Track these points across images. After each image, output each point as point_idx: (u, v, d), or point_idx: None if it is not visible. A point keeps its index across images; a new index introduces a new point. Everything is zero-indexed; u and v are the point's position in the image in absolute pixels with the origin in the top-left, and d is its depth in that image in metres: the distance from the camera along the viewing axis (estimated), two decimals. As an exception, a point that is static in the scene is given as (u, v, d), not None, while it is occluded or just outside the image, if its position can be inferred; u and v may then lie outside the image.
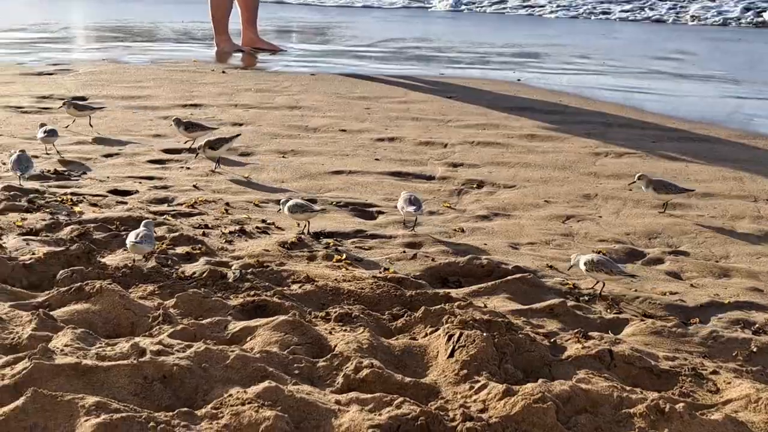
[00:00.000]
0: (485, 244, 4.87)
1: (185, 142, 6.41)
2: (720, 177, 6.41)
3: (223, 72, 9.79)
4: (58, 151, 6.27)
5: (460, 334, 3.41)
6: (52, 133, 6.14)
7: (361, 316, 3.76)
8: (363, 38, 13.61)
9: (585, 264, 4.24)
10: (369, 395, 3.02)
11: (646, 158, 6.93)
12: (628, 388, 3.22)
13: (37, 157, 6.07)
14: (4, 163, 5.79)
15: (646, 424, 2.94)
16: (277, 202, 5.47)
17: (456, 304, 3.90)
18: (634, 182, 5.74)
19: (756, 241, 5.19)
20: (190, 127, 6.33)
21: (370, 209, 5.48)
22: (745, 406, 3.14)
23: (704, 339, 3.82)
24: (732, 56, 12.95)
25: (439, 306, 3.84)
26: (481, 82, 9.98)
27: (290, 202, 4.93)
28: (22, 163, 5.31)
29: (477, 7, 17.33)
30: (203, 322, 3.57)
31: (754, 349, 3.71)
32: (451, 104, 8.79)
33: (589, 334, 3.70)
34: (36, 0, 15.37)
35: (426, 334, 3.63)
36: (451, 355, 3.35)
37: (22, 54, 10.99)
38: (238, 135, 6.31)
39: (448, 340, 3.44)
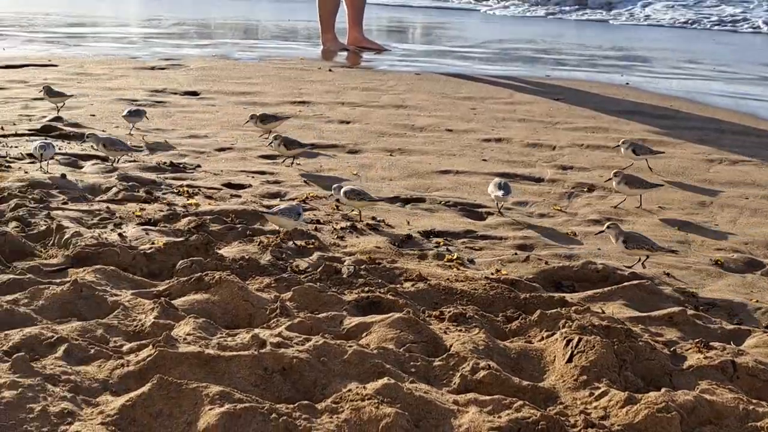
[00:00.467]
0: (599, 249, 4.79)
1: (261, 135, 6.52)
2: None
3: (330, 70, 9.88)
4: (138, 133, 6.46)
5: (579, 339, 3.35)
6: (136, 114, 6.40)
7: (476, 316, 3.73)
8: (466, 39, 13.57)
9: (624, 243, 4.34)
10: (487, 397, 2.99)
11: (761, 166, 6.72)
12: (753, 400, 3.12)
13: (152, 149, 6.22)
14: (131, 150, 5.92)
15: (775, 439, 2.84)
16: (386, 199, 5.50)
17: (572, 308, 3.83)
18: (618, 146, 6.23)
19: None
20: (265, 119, 6.46)
21: (479, 210, 5.44)
22: None
23: (832, 354, 3.66)
24: None
25: (555, 310, 3.78)
26: (588, 85, 9.84)
27: (346, 187, 4.99)
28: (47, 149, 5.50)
29: (562, 14, 17.02)
30: (319, 315, 3.59)
31: None
32: (558, 106, 8.68)
33: (711, 344, 3.59)
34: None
35: (542, 338, 3.58)
36: (570, 360, 3.30)
37: (135, 49, 11.29)
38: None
39: (566, 344, 3.38)
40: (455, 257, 4.53)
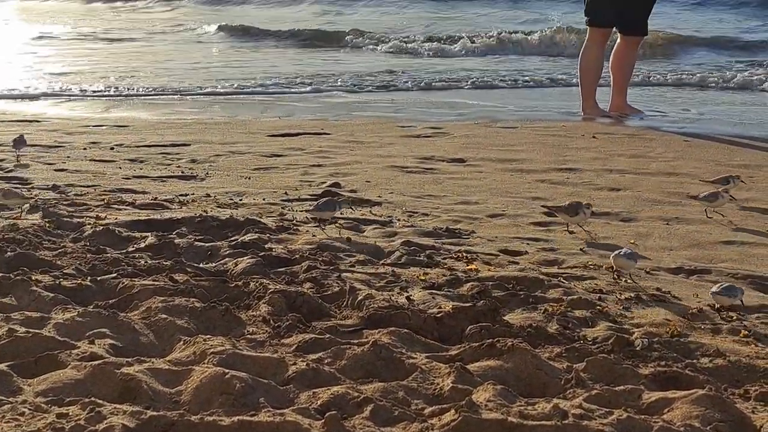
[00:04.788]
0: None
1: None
2: None
3: (594, 137, 9.80)
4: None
5: None
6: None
7: (782, 396, 3.54)
8: (733, 102, 13.04)
9: None
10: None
11: None
12: None
13: (427, 215, 6.40)
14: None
15: None
16: (668, 269, 5.35)
17: None
18: None
19: None
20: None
21: (770, 284, 5.16)
22: None
23: None
24: None
25: None
26: None
27: (625, 250, 5.10)
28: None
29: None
30: (616, 389, 3.52)
31: None
32: None
33: None
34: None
35: None
36: None
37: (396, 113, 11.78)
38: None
39: None
40: (751, 332, 4.31)
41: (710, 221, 6.49)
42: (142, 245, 5.34)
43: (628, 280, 5.08)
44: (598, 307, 4.54)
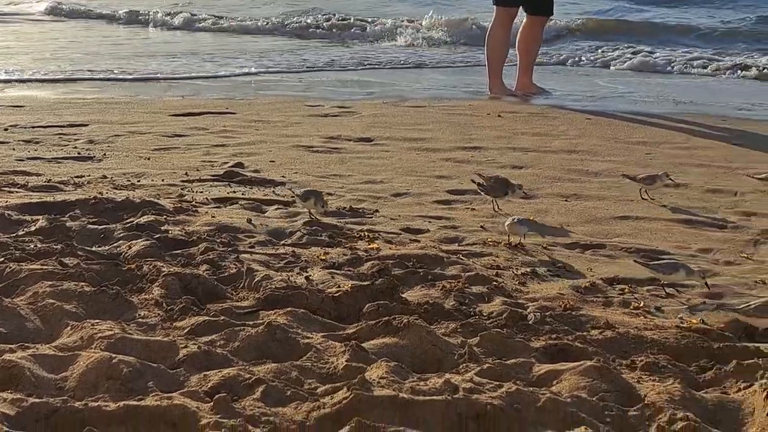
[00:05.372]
0: (711, 285, 4.59)
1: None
2: None
3: (499, 116, 9.90)
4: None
5: (782, 392, 3.20)
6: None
7: (668, 366, 3.64)
8: (632, 83, 13.30)
9: None
10: (691, 451, 2.89)
11: None
12: None
13: (331, 194, 6.38)
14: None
15: None
16: (565, 245, 5.45)
17: (770, 359, 3.67)
18: None
19: None
20: None
21: (662, 257, 5.29)
22: None
23: None
24: None
25: (751, 360, 3.65)
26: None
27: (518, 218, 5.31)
28: None
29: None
30: (508, 362, 3.57)
31: None
32: (738, 151, 8.38)
33: None
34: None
35: (739, 389, 3.45)
36: (773, 413, 3.15)
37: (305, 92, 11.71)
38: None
39: (767, 396, 3.24)
40: (642, 305, 4.43)
41: (607, 197, 6.62)
42: (33, 228, 5.18)
43: (526, 255, 5.16)
44: (495, 283, 4.59)
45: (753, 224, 6.03)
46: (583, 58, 15.35)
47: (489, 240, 5.44)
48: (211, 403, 3.09)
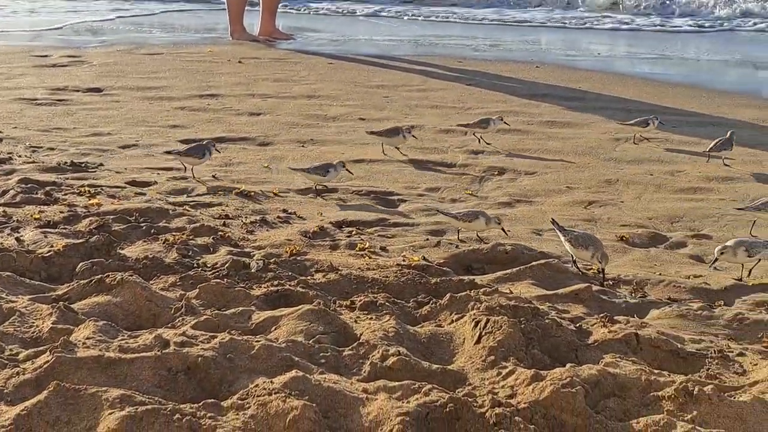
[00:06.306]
0: (508, 231, 4.81)
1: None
2: (739, 161, 6.33)
3: (240, 62, 9.74)
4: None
5: (487, 320, 3.36)
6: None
7: (386, 304, 3.72)
8: (380, 28, 13.52)
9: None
10: (396, 383, 2.97)
11: (665, 143, 6.84)
12: (655, 371, 3.17)
13: (53, 149, 6.04)
14: (19, 156, 5.75)
15: (675, 406, 2.88)
16: (298, 191, 5.46)
17: (481, 290, 3.84)
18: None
19: (781, 222, 5.11)
20: None
21: (392, 197, 5.42)
22: (774, 387, 3.09)
23: (729, 321, 3.77)
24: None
25: (464, 293, 3.79)
26: (501, 69, 9.88)
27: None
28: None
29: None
30: (227, 312, 3.53)
31: (781, 331, 3.66)
32: (471, 91, 8.72)
33: (615, 318, 3.64)
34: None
35: (452, 321, 3.59)
36: (478, 341, 3.30)
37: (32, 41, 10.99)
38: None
39: (475, 326, 3.38)
40: (367, 246, 4.51)
41: (343, 141, 6.69)
42: None
43: (256, 204, 5.12)
44: (221, 233, 4.52)
45: (480, 162, 6.29)
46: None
47: (220, 189, 5.35)
48: None
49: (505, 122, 6.79)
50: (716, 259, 4.21)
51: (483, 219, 4.67)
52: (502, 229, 4.71)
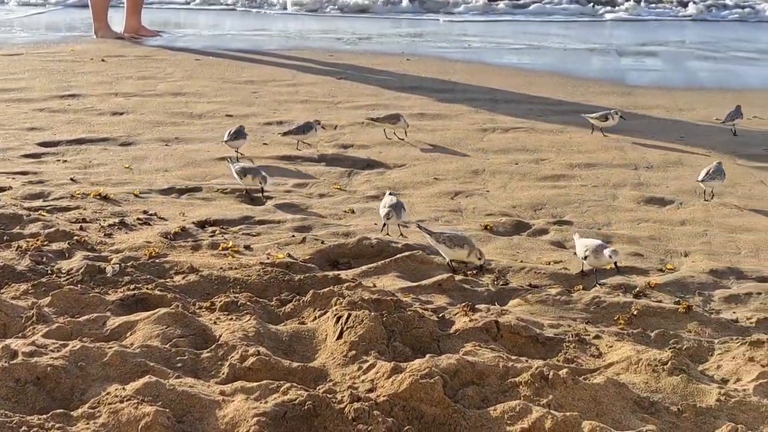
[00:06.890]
0: (375, 224, 4.82)
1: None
2: (602, 147, 6.54)
3: (103, 60, 9.47)
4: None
5: (348, 315, 3.36)
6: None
7: (248, 303, 3.68)
8: (253, 23, 13.36)
9: None
10: (255, 383, 2.94)
11: (531, 132, 6.99)
12: (513, 357, 3.24)
13: None
14: None
15: (531, 391, 2.95)
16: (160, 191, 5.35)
17: (345, 285, 3.84)
18: None
19: (636, 207, 5.31)
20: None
21: (258, 194, 5.36)
22: (626, 368, 3.20)
23: (587, 305, 3.88)
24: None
25: (327, 288, 3.79)
26: (372, 62, 9.89)
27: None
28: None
29: None
30: (80, 319, 3.42)
31: (635, 312, 3.80)
32: (341, 85, 8.70)
33: (477, 306, 3.70)
34: None
35: (314, 318, 3.57)
36: (340, 336, 3.30)
37: None
38: None
39: (336, 321, 3.38)
40: (230, 245, 4.44)
41: (209, 139, 6.58)
42: None
43: (116, 206, 4.99)
44: (77, 238, 4.37)
45: (349, 156, 6.29)
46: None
47: (77, 192, 5.18)
48: None
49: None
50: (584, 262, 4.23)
51: (467, 248, 4.19)
52: (480, 266, 4.22)
